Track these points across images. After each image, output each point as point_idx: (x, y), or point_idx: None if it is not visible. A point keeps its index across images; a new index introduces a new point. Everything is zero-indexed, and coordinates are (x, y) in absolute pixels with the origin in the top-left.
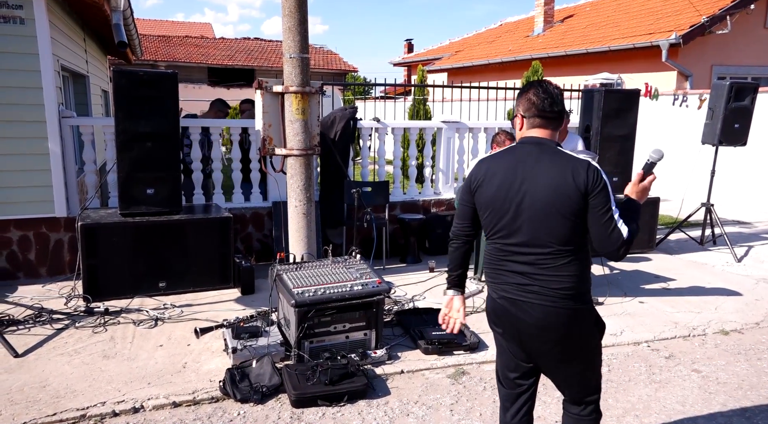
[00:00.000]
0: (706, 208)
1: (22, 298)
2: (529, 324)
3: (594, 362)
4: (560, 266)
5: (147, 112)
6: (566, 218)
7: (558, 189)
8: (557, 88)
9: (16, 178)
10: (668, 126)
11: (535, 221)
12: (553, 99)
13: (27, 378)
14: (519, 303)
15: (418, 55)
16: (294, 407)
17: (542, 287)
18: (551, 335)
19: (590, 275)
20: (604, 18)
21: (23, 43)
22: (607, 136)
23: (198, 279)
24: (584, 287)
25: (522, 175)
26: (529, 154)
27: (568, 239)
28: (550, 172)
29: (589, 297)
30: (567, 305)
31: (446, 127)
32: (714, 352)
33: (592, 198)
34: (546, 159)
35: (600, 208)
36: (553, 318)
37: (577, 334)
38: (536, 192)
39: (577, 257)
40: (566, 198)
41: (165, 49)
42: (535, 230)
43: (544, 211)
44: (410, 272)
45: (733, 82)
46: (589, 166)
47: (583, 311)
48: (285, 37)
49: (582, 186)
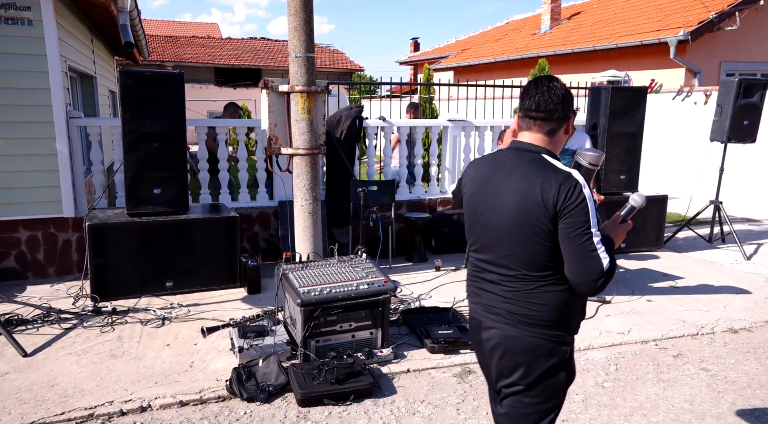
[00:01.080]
0: (714, 205)
1: (30, 298)
2: (491, 348)
3: (545, 409)
4: (528, 292)
5: (154, 113)
6: (534, 240)
7: (524, 206)
8: (556, 86)
9: (24, 179)
10: (676, 123)
11: (500, 239)
12: (543, 97)
13: (35, 377)
14: (483, 326)
15: (424, 53)
16: (300, 406)
17: (507, 311)
18: (513, 362)
19: (576, 308)
20: (612, 15)
21: (31, 45)
22: (614, 133)
23: (205, 278)
24: (560, 320)
25: (493, 186)
26: (506, 162)
27: (537, 264)
28: (520, 185)
29: (567, 335)
30: (533, 332)
31: (452, 125)
32: (723, 350)
33: (565, 218)
34: (520, 170)
35: (575, 229)
36: (518, 344)
37: (545, 369)
38: (503, 208)
39: (554, 286)
40: (532, 217)
41: (172, 49)
42: (500, 250)
43: (510, 230)
44: (416, 271)
45: (742, 79)
46: (566, 180)
47: (551, 344)
48: (291, 37)
49: (550, 203)
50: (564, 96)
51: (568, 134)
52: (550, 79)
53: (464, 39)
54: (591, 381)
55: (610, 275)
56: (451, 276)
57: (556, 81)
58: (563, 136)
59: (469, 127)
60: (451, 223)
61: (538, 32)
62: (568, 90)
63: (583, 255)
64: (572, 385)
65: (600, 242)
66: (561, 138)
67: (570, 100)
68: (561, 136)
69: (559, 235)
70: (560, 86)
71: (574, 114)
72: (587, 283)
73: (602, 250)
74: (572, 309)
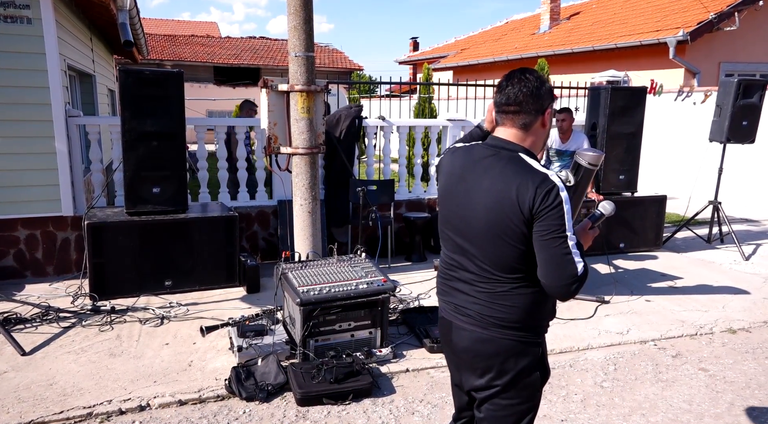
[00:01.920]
0: (713, 206)
1: (29, 296)
2: (462, 349)
3: (520, 411)
4: (499, 293)
5: (153, 112)
6: (506, 242)
7: (498, 208)
8: (528, 77)
9: (23, 177)
10: (675, 123)
11: (472, 240)
12: (514, 90)
13: (34, 376)
14: (454, 326)
15: (423, 53)
16: (299, 406)
17: (477, 312)
18: (485, 363)
19: (546, 310)
20: (611, 15)
21: (30, 43)
22: (613, 134)
23: (204, 277)
24: (530, 322)
25: (466, 183)
26: (482, 160)
27: (508, 266)
28: (495, 186)
29: (537, 336)
30: (504, 334)
31: (452, 125)
32: (721, 351)
33: (540, 221)
34: (496, 170)
35: (550, 232)
36: (488, 347)
37: (518, 371)
38: (476, 209)
39: (524, 288)
40: (506, 219)
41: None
42: (472, 250)
43: (483, 231)
44: (415, 271)
45: (742, 79)
46: (543, 182)
47: (522, 345)
48: (290, 36)
49: (527, 206)
50: (536, 87)
51: (546, 128)
52: (522, 72)
53: (463, 39)
54: (590, 381)
55: (583, 280)
56: None
57: (529, 73)
58: (540, 130)
59: (469, 126)
60: None
61: (537, 32)
62: (544, 81)
63: (557, 259)
64: (571, 385)
65: (575, 246)
66: (538, 132)
67: (544, 93)
68: (538, 130)
69: (533, 238)
70: (533, 78)
71: (550, 107)
72: (561, 287)
73: (577, 254)
74: (542, 311)
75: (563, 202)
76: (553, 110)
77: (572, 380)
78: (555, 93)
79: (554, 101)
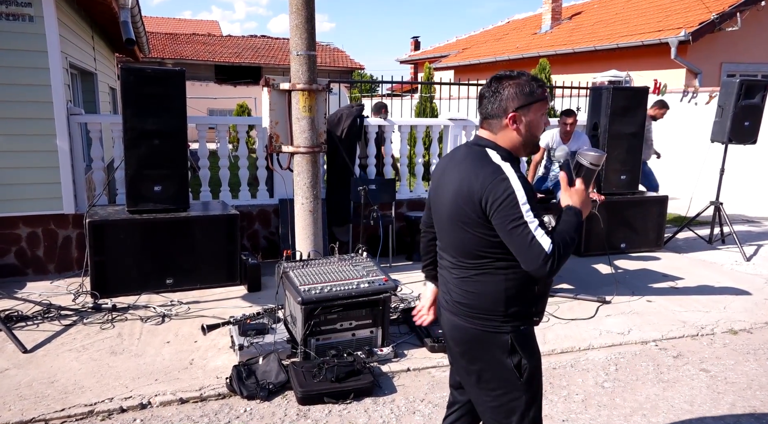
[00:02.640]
0: (714, 206)
1: (30, 294)
2: (446, 337)
3: (511, 402)
4: (464, 279)
5: (155, 110)
6: (464, 229)
7: (457, 197)
8: (494, 83)
9: (24, 175)
10: (676, 123)
11: (442, 228)
12: (482, 92)
13: (35, 374)
14: (441, 312)
15: (425, 52)
16: (300, 404)
17: (452, 299)
18: (459, 349)
19: (521, 298)
20: (613, 15)
21: (32, 41)
22: (615, 134)
23: (205, 276)
24: (495, 309)
25: (445, 177)
26: (457, 156)
27: (469, 252)
28: (457, 176)
29: (504, 324)
30: (470, 321)
31: (453, 124)
32: (722, 351)
33: (495, 213)
34: (465, 164)
35: (508, 223)
36: (460, 334)
37: (487, 359)
38: (444, 198)
39: (488, 275)
40: (462, 207)
41: (172, 46)
42: (444, 238)
43: (447, 219)
44: (416, 270)
45: (744, 80)
46: (491, 174)
47: (487, 333)
48: (292, 35)
49: (476, 196)
50: (496, 91)
51: (518, 131)
52: (497, 76)
53: (465, 38)
54: (591, 381)
55: (557, 254)
56: None
57: (502, 77)
58: (510, 133)
59: (470, 126)
60: None
61: (538, 32)
62: (513, 84)
63: (522, 245)
64: (572, 385)
65: (538, 227)
66: (508, 134)
67: (509, 96)
68: (507, 133)
69: (497, 230)
70: (499, 83)
71: (522, 110)
72: (537, 269)
73: (541, 234)
74: (513, 299)
75: (513, 191)
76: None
77: (573, 380)
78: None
79: (531, 103)
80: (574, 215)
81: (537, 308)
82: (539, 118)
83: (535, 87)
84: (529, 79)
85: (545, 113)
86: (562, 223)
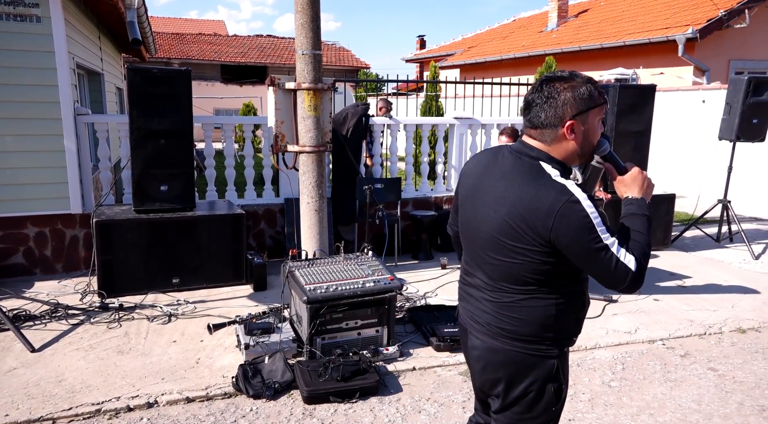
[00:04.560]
0: (722, 204)
1: (38, 293)
2: (475, 358)
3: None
4: (505, 304)
5: (161, 110)
6: (515, 254)
7: (509, 217)
8: (546, 86)
9: (32, 175)
10: (684, 121)
11: (483, 246)
12: (530, 98)
13: (43, 373)
14: (469, 334)
15: (430, 51)
16: (306, 403)
17: (487, 321)
18: (492, 374)
19: (565, 322)
20: (619, 13)
21: (39, 41)
22: (622, 132)
23: (211, 275)
24: (543, 335)
25: (482, 187)
26: (503, 163)
27: (517, 278)
28: (508, 194)
29: (552, 349)
30: (513, 345)
31: (459, 123)
32: (730, 350)
33: (572, 241)
34: (518, 178)
35: (587, 251)
36: (499, 357)
37: (527, 384)
38: (488, 214)
39: (536, 301)
40: (518, 230)
41: (178, 46)
42: (483, 257)
43: (493, 239)
44: (422, 269)
45: (752, 77)
46: (559, 196)
47: (533, 357)
48: (297, 34)
49: (542, 223)
50: (549, 97)
51: (574, 140)
52: (546, 81)
53: (471, 37)
54: (598, 380)
55: (642, 268)
56: (457, 274)
57: (554, 80)
58: (565, 143)
59: (476, 125)
60: None
61: (545, 30)
62: (569, 88)
63: (607, 269)
64: (579, 384)
65: (618, 246)
66: (563, 145)
67: (564, 102)
68: (562, 143)
69: (571, 257)
70: (554, 87)
71: (579, 117)
72: (623, 288)
73: (623, 253)
74: (559, 324)
75: (587, 213)
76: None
77: (580, 379)
78: (594, 99)
79: (590, 109)
80: (639, 209)
81: (578, 329)
82: (597, 123)
83: (592, 90)
84: (585, 81)
85: (603, 118)
86: (633, 228)
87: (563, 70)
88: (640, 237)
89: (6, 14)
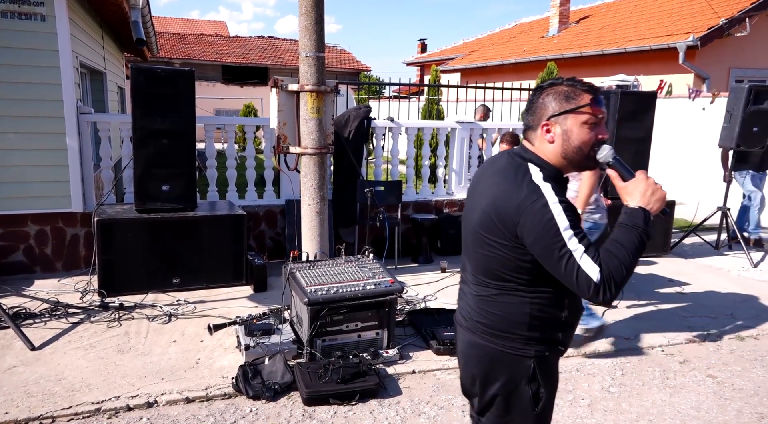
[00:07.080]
0: (722, 212)
1: (38, 292)
2: (460, 353)
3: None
4: (484, 298)
5: (164, 110)
6: (493, 248)
7: (486, 212)
8: (536, 90)
9: (34, 173)
10: (684, 128)
11: (467, 242)
12: (528, 100)
13: (43, 371)
14: (457, 329)
15: (431, 54)
16: (306, 405)
17: (469, 316)
18: (474, 371)
19: (549, 323)
20: (621, 19)
21: (43, 40)
22: (622, 138)
23: (211, 276)
24: (518, 332)
25: (480, 185)
26: (497, 164)
27: (492, 273)
28: (489, 190)
29: (528, 349)
30: (490, 341)
31: (460, 127)
32: (729, 357)
33: (535, 241)
34: (503, 176)
35: (550, 251)
36: (477, 352)
37: (504, 382)
38: (473, 211)
39: (511, 297)
40: (491, 224)
41: (180, 46)
42: (466, 252)
43: (474, 233)
44: (422, 272)
45: (753, 85)
46: (529, 195)
47: (508, 356)
48: (301, 36)
49: (511, 219)
50: (533, 98)
51: (553, 143)
52: (537, 87)
53: (472, 41)
54: (597, 386)
55: (609, 282)
56: (457, 278)
57: (547, 87)
58: (546, 145)
59: (477, 129)
60: (457, 224)
61: (546, 35)
62: (552, 91)
63: (569, 276)
64: (578, 389)
65: (584, 253)
66: (545, 147)
67: (542, 103)
68: (545, 145)
69: (538, 259)
70: (542, 91)
71: (552, 119)
72: (590, 299)
73: (587, 261)
74: (534, 323)
75: (553, 217)
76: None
77: (579, 384)
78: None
79: (569, 111)
80: (629, 219)
81: (564, 335)
82: (580, 127)
83: (575, 93)
84: (572, 85)
85: (595, 123)
86: (616, 239)
87: (560, 77)
88: (617, 248)
89: (11, 12)
